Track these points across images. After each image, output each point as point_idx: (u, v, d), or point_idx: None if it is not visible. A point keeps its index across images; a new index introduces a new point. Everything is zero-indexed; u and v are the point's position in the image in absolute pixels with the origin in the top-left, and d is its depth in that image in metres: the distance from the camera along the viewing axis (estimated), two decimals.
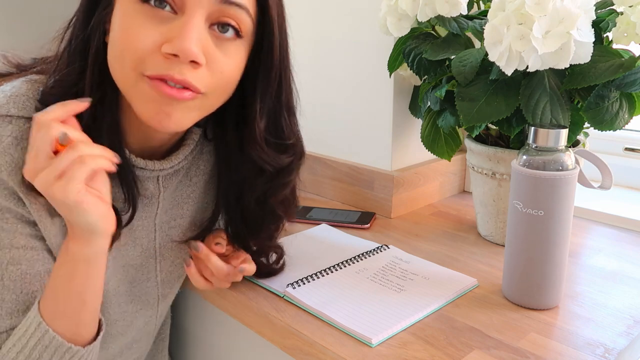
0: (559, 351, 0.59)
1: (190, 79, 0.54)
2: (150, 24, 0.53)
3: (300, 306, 0.69)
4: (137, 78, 0.54)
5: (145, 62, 0.53)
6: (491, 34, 0.71)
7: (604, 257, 0.82)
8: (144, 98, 0.55)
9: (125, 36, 0.54)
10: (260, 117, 0.63)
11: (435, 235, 0.91)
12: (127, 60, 0.54)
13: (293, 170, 0.69)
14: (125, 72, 0.55)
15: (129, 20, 0.54)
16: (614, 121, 0.73)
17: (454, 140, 0.90)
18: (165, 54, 0.53)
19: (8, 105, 0.56)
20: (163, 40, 0.53)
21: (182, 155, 0.68)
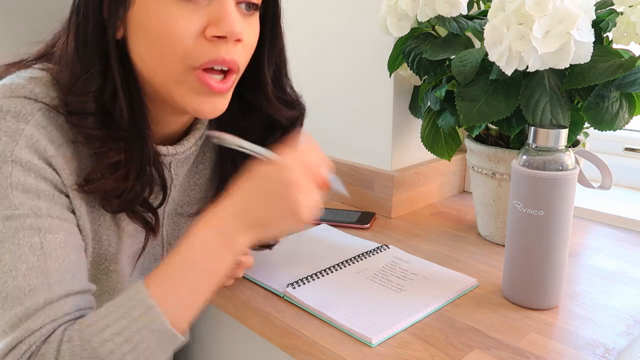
0: (559, 351, 0.59)
1: (236, 58, 0.58)
2: (188, 12, 0.55)
3: (300, 306, 0.69)
4: (186, 71, 0.56)
5: (193, 52, 0.55)
6: (491, 34, 0.71)
7: (604, 257, 0.82)
8: (191, 91, 0.58)
9: (164, 29, 0.55)
10: (269, 77, 0.68)
11: (435, 235, 0.91)
12: (172, 54, 0.55)
13: (301, 122, 0.73)
14: (170, 66, 0.56)
15: (165, 14, 0.55)
16: (614, 121, 0.73)
17: (454, 140, 0.90)
18: (211, 37, 0.55)
19: (31, 84, 0.56)
20: (204, 25, 0.55)
21: (193, 139, 0.69)
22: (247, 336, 0.78)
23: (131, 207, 0.62)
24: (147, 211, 0.65)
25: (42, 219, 0.54)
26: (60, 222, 0.56)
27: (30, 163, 0.54)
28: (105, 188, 0.58)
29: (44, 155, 0.55)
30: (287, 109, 0.70)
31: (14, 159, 0.53)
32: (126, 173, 0.59)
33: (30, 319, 0.51)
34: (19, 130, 0.54)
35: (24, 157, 0.54)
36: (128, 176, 0.59)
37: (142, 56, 0.57)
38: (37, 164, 0.54)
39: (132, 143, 0.59)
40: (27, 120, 0.55)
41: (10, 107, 0.55)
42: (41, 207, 0.54)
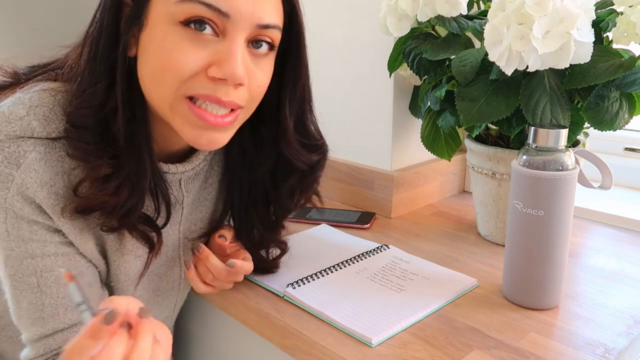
0: (559, 351, 0.59)
1: (235, 99, 0.57)
2: (193, 47, 0.54)
3: (300, 306, 0.69)
4: (178, 99, 0.56)
5: (190, 83, 0.55)
6: (491, 34, 0.71)
7: (604, 257, 0.82)
8: (185, 122, 0.57)
9: (168, 57, 0.54)
10: (290, 120, 0.66)
11: (435, 235, 0.91)
12: (169, 82, 0.55)
13: (321, 167, 0.73)
14: (164, 92, 0.56)
15: (171, 43, 0.54)
16: (614, 121, 0.73)
17: (454, 140, 0.90)
18: (212, 77, 0.55)
19: (29, 117, 0.56)
20: (208, 63, 0.55)
21: (202, 156, 0.69)
22: (247, 336, 0.78)
23: (127, 223, 0.61)
24: (150, 229, 0.64)
25: (37, 260, 0.58)
26: (55, 258, 0.59)
27: (22, 211, 0.57)
28: (94, 201, 0.57)
29: (34, 200, 0.56)
30: (308, 153, 0.69)
31: (7, 207, 0.56)
32: (117, 187, 0.58)
33: (31, 345, 0.61)
34: (10, 176, 0.55)
35: (16, 204, 0.56)
36: (119, 191, 0.58)
37: (144, 78, 0.57)
38: (28, 211, 0.57)
39: (126, 159, 0.59)
40: (19, 163, 0.55)
41: (4, 147, 0.55)
42: (35, 249, 0.58)
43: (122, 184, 0.59)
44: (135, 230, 0.63)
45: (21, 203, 0.56)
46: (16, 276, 0.59)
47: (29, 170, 0.55)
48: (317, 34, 1.08)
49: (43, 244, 0.58)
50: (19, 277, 0.59)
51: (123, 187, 0.59)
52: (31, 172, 0.55)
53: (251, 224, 0.74)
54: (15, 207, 0.56)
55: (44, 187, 0.56)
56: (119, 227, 0.61)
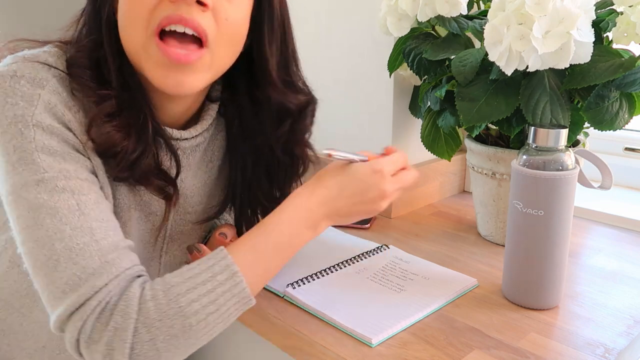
0: (559, 351, 0.59)
1: (198, 19, 0.55)
2: None
3: (300, 306, 0.69)
4: (147, 39, 0.56)
5: (153, 13, 0.55)
6: (491, 34, 0.71)
7: (604, 257, 0.82)
8: (155, 63, 0.57)
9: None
10: (272, 60, 0.66)
11: (435, 235, 0.91)
12: (135, 18, 0.56)
13: (309, 112, 0.73)
14: (135, 34, 0.57)
15: None
16: (614, 121, 0.73)
17: (454, 140, 0.90)
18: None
19: (44, 55, 0.58)
20: None
21: (200, 128, 0.69)
22: (247, 336, 0.78)
23: (137, 173, 0.61)
24: (165, 182, 0.65)
25: (72, 181, 0.54)
26: (89, 184, 0.56)
27: (52, 126, 0.55)
28: (107, 137, 0.58)
29: (63, 119, 0.56)
30: (295, 94, 0.70)
31: (35, 123, 0.54)
32: (125, 127, 0.59)
33: (93, 277, 0.51)
34: (35, 95, 0.54)
35: (45, 120, 0.54)
36: (128, 132, 0.59)
37: (121, 31, 0.59)
38: (58, 128, 0.55)
39: (124, 100, 0.59)
40: (43, 85, 0.55)
41: (25, 72, 0.55)
42: (69, 169, 0.55)
43: (129, 124, 0.59)
44: (150, 183, 0.63)
45: (50, 119, 0.55)
46: (51, 201, 0.52)
47: (54, 92, 0.56)
48: (317, 34, 1.08)
49: (76, 165, 0.55)
50: (54, 202, 0.53)
51: (131, 129, 0.59)
52: (55, 94, 0.56)
53: (255, 203, 0.75)
54: (44, 122, 0.54)
55: (70, 109, 0.56)
56: (129, 177, 0.61)
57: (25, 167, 0.53)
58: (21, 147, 0.53)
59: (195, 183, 0.73)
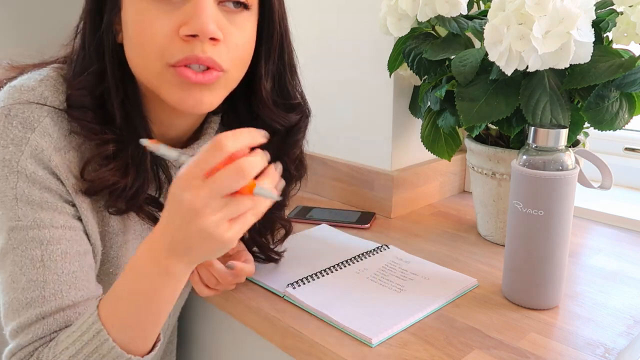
0: (559, 351, 0.59)
1: (213, 56, 0.56)
2: (162, 12, 0.55)
3: (300, 306, 0.69)
4: (162, 68, 0.56)
5: (167, 50, 0.55)
6: (491, 34, 0.71)
7: (604, 257, 0.82)
8: (172, 86, 0.57)
9: (141, 30, 0.55)
10: (265, 79, 0.66)
11: (435, 235, 0.91)
12: (149, 53, 0.56)
13: (301, 128, 0.72)
14: (149, 64, 0.57)
15: (141, 15, 0.55)
16: (614, 121, 0.73)
17: (454, 140, 0.90)
18: (184, 37, 0.55)
19: (41, 87, 0.58)
20: (179, 24, 0.55)
21: (202, 143, 0.69)
22: (247, 336, 0.78)
23: (134, 206, 0.62)
24: (157, 209, 0.65)
25: (45, 231, 0.56)
26: (63, 231, 0.57)
27: (35, 174, 0.56)
28: (102, 180, 0.58)
29: (49, 165, 0.56)
30: (284, 113, 0.69)
31: (20, 170, 0.55)
32: (123, 167, 0.59)
33: (23, 333, 0.56)
34: (24, 139, 0.55)
35: (29, 167, 0.55)
36: (126, 171, 0.59)
37: (129, 59, 0.59)
38: (42, 175, 0.56)
39: (126, 138, 0.60)
40: (34, 127, 0.56)
41: (18, 112, 0.56)
42: (44, 218, 0.56)
43: (128, 163, 0.59)
44: (142, 211, 0.63)
45: (34, 166, 0.55)
46: (18, 249, 0.55)
47: (44, 135, 0.56)
48: (317, 34, 1.08)
49: (53, 214, 0.57)
50: (21, 251, 0.55)
51: (129, 167, 0.59)
52: (46, 136, 0.56)
53: None
54: (28, 170, 0.55)
55: (58, 152, 0.57)
56: (126, 209, 0.61)
57: (4, 211, 0.56)
58: (3, 192, 0.55)
59: None
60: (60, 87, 0.59)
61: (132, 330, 0.55)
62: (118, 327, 0.54)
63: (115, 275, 0.66)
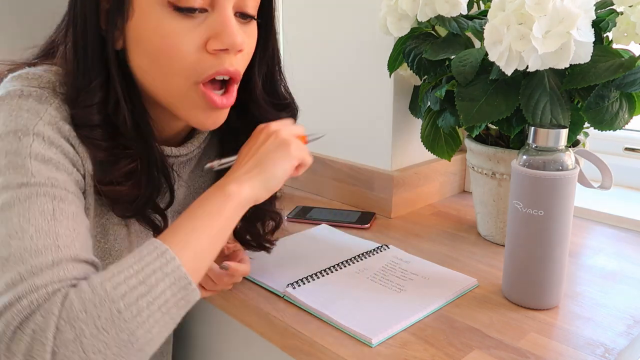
0: (559, 351, 0.59)
1: (238, 68, 0.59)
2: (187, 28, 0.55)
3: (300, 306, 0.69)
4: (189, 88, 0.57)
5: (196, 67, 0.56)
6: (491, 34, 0.71)
7: (604, 257, 0.82)
8: (195, 108, 0.59)
9: (168, 47, 0.55)
10: (258, 79, 0.68)
11: (435, 235, 0.91)
12: (176, 71, 0.56)
13: None
14: (174, 82, 0.57)
15: (164, 31, 0.55)
16: (614, 121, 0.73)
17: (454, 140, 0.90)
18: (214, 51, 0.56)
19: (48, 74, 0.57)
20: (205, 39, 0.56)
21: (197, 142, 0.69)
22: (247, 336, 0.78)
23: (142, 213, 0.62)
24: (156, 213, 0.65)
25: (58, 190, 0.52)
26: (73, 197, 0.54)
27: (53, 137, 0.54)
28: (120, 194, 0.59)
29: (66, 135, 0.55)
30: (276, 112, 0.70)
31: (36, 132, 0.53)
32: (139, 181, 0.60)
33: (35, 276, 0.46)
34: (42, 109, 0.54)
35: (47, 132, 0.53)
36: (140, 184, 0.60)
37: (143, 69, 0.58)
38: (59, 141, 0.54)
39: (139, 151, 0.60)
40: (50, 102, 0.55)
41: (32, 91, 0.55)
42: (59, 178, 0.53)
43: (141, 177, 0.60)
44: (142, 216, 0.63)
45: (52, 132, 0.54)
46: (26, 203, 0.49)
47: (60, 110, 0.55)
48: (317, 34, 1.08)
49: (67, 177, 0.54)
50: (29, 205, 0.49)
51: (142, 180, 0.60)
52: (62, 111, 0.55)
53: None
54: (45, 133, 0.53)
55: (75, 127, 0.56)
56: (132, 215, 0.62)
57: (13, 170, 0.50)
58: (14, 152, 0.51)
59: (192, 189, 0.74)
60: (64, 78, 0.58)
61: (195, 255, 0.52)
62: (180, 250, 0.50)
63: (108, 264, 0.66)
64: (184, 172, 0.71)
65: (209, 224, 0.54)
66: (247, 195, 0.57)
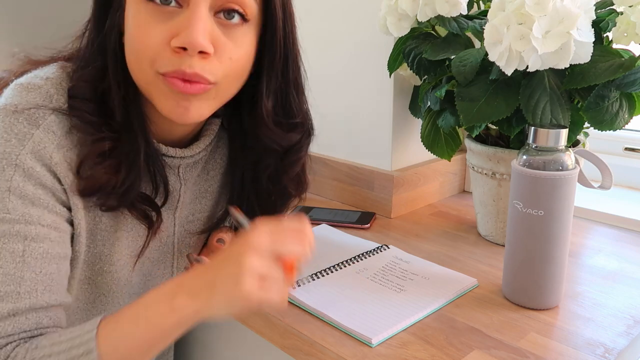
0: (559, 351, 0.59)
1: (199, 71, 0.55)
2: (157, 21, 0.55)
3: (300, 306, 0.69)
4: (154, 76, 0.56)
5: (158, 59, 0.55)
6: (491, 34, 0.71)
7: (604, 257, 0.82)
8: (161, 94, 0.57)
9: (137, 36, 0.56)
10: (266, 97, 0.65)
11: (435, 235, 0.91)
12: (142, 59, 0.56)
13: (302, 148, 0.71)
14: (142, 70, 0.57)
15: (137, 20, 0.56)
16: (614, 121, 0.73)
17: (454, 140, 0.90)
18: (174, 48, 0.54)
19: (47, 85, 0.58)
20: (171, 35, 0.54)
21: (202, 145, 0.69)
22: (247, 336, 0.78)
23: (126, 202, 0.62)
24: (150, 208, 0.65)
25: (31, 227, 0.55)
26: (49, 230, 0.56)
27: (32, 170, 0.55)
28: (96, 179, 0.58)
29: (48, 162, 0.56)
30: (284, 133, 0.67)
31: (18, 163, 0.55)
32: (117, 165, 0.59)
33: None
34: (28, 134, 0.56)
35: (28, 162, 0.55)
36: (119, 168, 0.60)
37: (127, 59, 0.59)
38: (39, 172, 0.56)
39: (123, 135, 0.60)
40: (39, 124, 0.56)
41: (25, 109, 0.56)
42: (33, 214, 0.55)
43: (121, 161, 0.60)
44: (134, 209, 0.63)
45: (33, 162, 0.55)
46: (0, 241, 0.54)
47: (48, 131, 0.56)
48: (317, 34, 1.08)
49: (42, 211, 0.56)
50: (2, 243, 0.54)
51: (121, 165, 0.60)
52: (50, 133, 0.56)
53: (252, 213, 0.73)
54: (26, 164, 0.55)
55: (60, 149, 0.57)
56: (118, 205, 0.61)
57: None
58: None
59: (197, 194, 0.73)
60: (65, 84, 0.59)
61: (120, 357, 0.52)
62: (109, 351, 0.52)
63: (109, 273, 0.66)
64: (191, 176, 0.71)
65: (147, 330, 0.52)
66: (195, 314, 0.52)
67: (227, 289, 0.50)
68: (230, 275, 0.50)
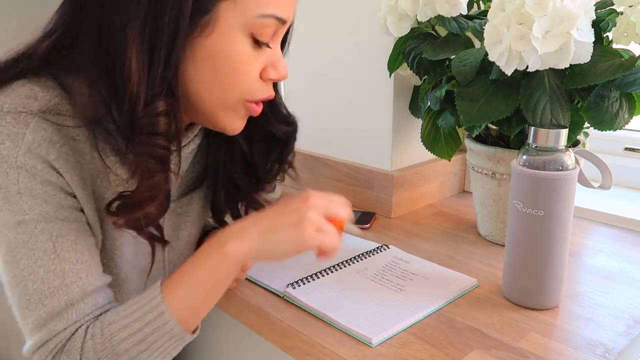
0: (559, 351, 0.59)
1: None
2: (254, 57, 0.61)
3: (300, 306, 0.69)
4: (238, 101, 0.62)
5: (253, 90, 0.62)
6: (491, 34, 0.71)
7: (604, 257, 0.82)
8: (236, 117, 0.64)
9: (238, 69, 0.60)
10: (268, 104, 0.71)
11: (435, 235, 0.91)
12: (236, 89, 0.61)
13: (294, 138, 0.78)
14: (228, 97, 0.61)
15: (240, 54, 0.59)
16: (614, 121, 0.73)
17: (454, 140, 0.90)
18: (268, 79, 0.63)
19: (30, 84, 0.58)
20: (262, 68, 0.62)
21: (191, 135, 0.70)
22: (247, 336, 0.78)
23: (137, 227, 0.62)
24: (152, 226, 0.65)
25: (51, 224, 0.57)
26: (68, 223, 0.58)
27: (35, 168, 0.56)
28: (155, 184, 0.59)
29: (47, 158, 0.56)
30: (284, 126, 0.75)
31: (19, 165, 0.55)
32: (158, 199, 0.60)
33: (55, 320, 0.56)
34: (20, 134, 0.55)
35: (28, 162, 0.56)
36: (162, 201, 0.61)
37: (201, 81, 0.59)
38: (41, 169, 0.56)
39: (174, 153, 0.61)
40: (28, 123, 0.56)
41: (11, 107, 0.56)
42: (49, 211, 0.57)
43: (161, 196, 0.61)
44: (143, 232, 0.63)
45: (33, 160, 0.56)
46: (29, 243, 0.56)
47: (39, 129, 0.56)
48: (317, 34, 1.08)
49: (56, 207, 0.57)
50: (32, 244, 0.56)
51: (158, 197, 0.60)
52: (40, 130, 0.56)
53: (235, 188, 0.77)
54: (27, 164, 0.55)
55: (54, 145, 0.57)
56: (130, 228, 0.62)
57: (9, 206, 0.56)
58: (6, 187, 0.56)
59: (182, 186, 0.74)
60: (51, 82, 0.58)
61: (190, 312, 0.60)
62: (177, 307, 0.58)
63: (108, 267, 0.67)
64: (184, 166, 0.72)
65: (206, 279, 0.60)
66: (245, 254, 0.60)
67: (290, 233, 0.59)
68: (292, 223, 0.59)
